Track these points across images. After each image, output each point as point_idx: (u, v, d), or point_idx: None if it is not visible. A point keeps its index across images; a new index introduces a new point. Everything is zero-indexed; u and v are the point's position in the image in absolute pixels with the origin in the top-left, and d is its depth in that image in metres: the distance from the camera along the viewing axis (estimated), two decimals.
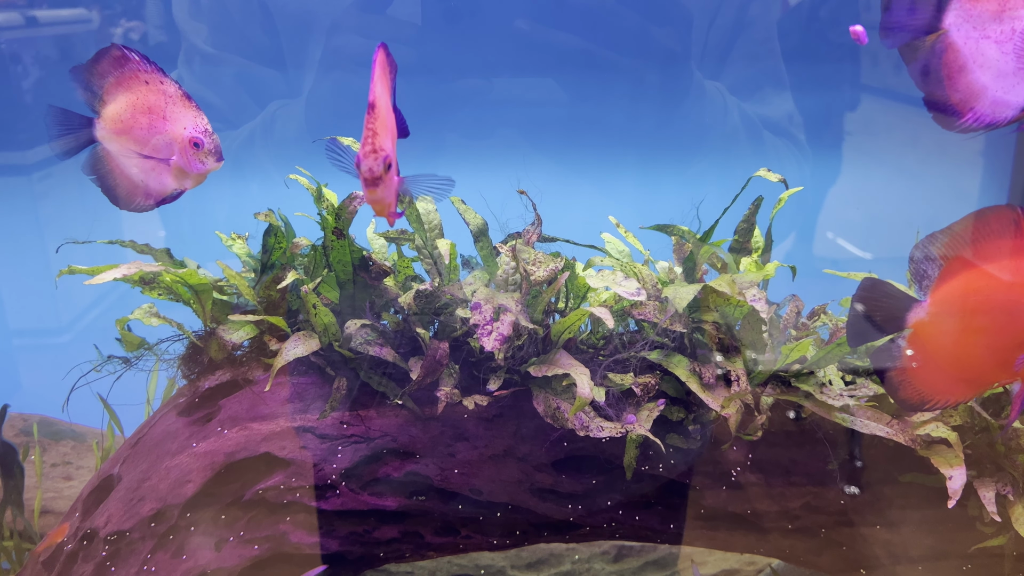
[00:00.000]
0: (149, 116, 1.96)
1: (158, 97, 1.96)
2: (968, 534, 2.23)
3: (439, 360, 2.17)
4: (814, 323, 2.38)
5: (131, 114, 1.96)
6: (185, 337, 2.38)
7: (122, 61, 1.95)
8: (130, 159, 2.00)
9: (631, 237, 2.51)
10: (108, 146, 2.01)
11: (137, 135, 1.97)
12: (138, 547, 2.18)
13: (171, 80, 1.96)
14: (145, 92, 1.95)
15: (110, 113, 1.98)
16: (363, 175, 1.74)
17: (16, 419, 3.47)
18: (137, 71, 1.95)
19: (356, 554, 2.30)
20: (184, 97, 1.96)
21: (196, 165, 1.98)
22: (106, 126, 1.99)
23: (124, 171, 2.03)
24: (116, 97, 1.97)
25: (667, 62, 3.25)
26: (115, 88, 1.97)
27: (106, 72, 1.96)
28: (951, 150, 3.71)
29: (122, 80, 1.96)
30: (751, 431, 2.18)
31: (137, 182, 2.03)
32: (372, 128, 1.72)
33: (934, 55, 1.74)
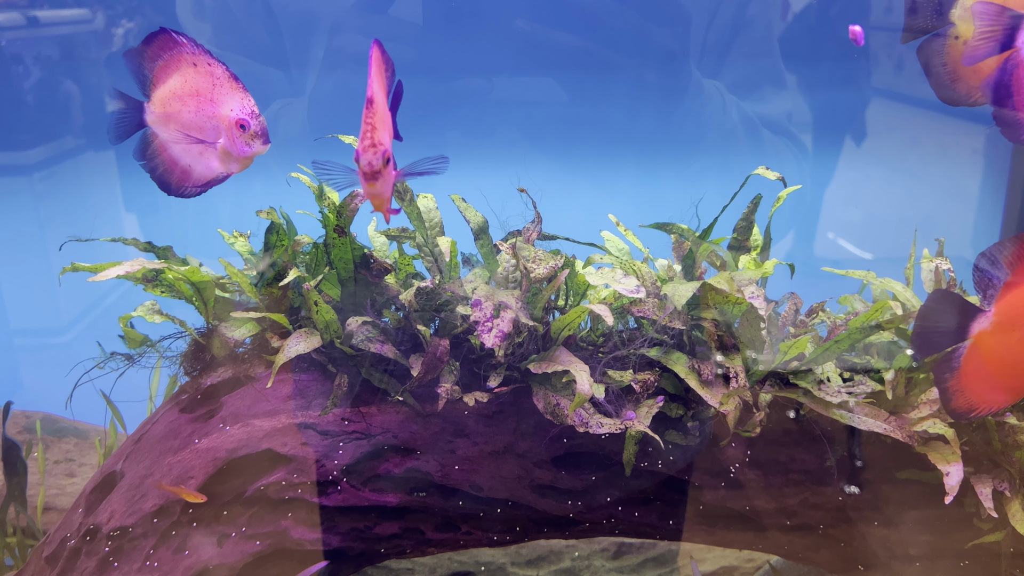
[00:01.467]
0: (197, 99, 1.94)
1: (206, 79, 1.93)
2: (965, 531, 2.24)
3: (440, 357, 2.18)
4: (812, 321, 2.40)
5: (179, 97, 1.94)
6: (187, 334, 2.39)
7: (171, 44, 1.93)
8: (178, 143, 1.99)
9: (630, 235, 2.52)
10: (157, 131, 1.99)
11: (185, 118, 1.95)
12: (141, 543, 2.19)
13: (219, 62, 1.93)
14: (193, 75, 1.94)
15: (159, 97, 1.96)
16: (362, 169, 1.75)
17: (19, 416, 3.48)
18: (185, 53, 1.93)
19: (357, 550, 2.31)
20: (231, 78, 1.94)
21: (242, 148, 1.96)
22: (155, 110, 1.98)
23: (172, 156, 2.01)
24: (165, 81, 1.96)
25: (666, 61, 3.26)
26: (164, 71, 1.95)
27: (155, 55, 1.95)
28: (951, 150, 3.72)
29: (171, 63, 1.95)
30: (749, 428, 2.19)
31: (185, 167, 2.01)
32: (371, 123, 1.73)
33: (1005, 72, 1.78)
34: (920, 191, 3.72)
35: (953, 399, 1.88)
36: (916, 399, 2.19)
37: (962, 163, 3.71)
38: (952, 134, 3.68)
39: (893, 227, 3.55)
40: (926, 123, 3.68)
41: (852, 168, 3.63)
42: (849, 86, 3.55)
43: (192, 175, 2.02)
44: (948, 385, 1.88)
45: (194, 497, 2.18)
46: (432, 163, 1.91)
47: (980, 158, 3.67)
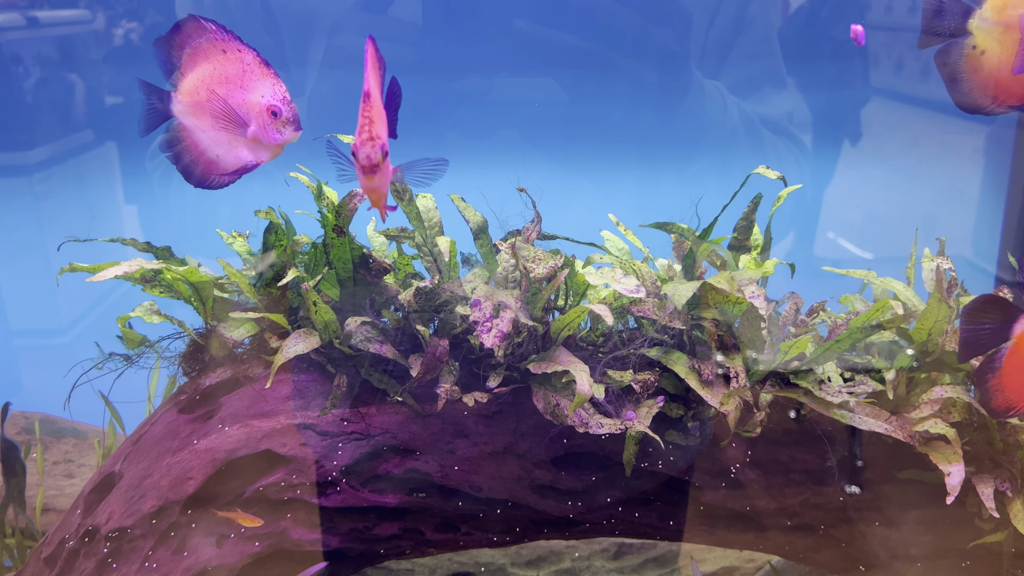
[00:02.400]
0: (226, 86, 1.89)
1: (236, 66, 1.89)
2: (967, 531, 2.24)
3: (439, 357, 2.18)
4: (813, 320, 2.39)
5: (208, 85, 1.90)
6: (186, 334, 2.39)
7: (199, 31, 1.89)
8: (206, 132, 1.94)
9: (630, 235, 2.52)
10: (184, 120, 1.95)
11: (214, 106, 1.91)
12: (139, 544, 2.19)
13: (249, 47, 1.89)
14: (222, 62, 1.89)
15: (187, 86, 1.92)
16: (361, 163, 1.75)
17: (18, 417, 3.48)
18: (214, 40, 1.89)
19: (356, 551, 2.31)
20: (262, 64, 1.89)
21: (274, 135, 1.91)
22: (182, 99, 1.94)
23: (200, 146, 1.97)
24: (193, 69, 1.91)
25: (666, 61, 3.26)
26: (192, 60, 1.91)
27: (183, 43, 1.91)
28: (952, 149, 3.72)
29: (199, 51, 1.90)
30: (750, 428, 2.18)
31: (213, 157, 1.97)
32: (368, 116, 1.73)
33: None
34: (921, 190, 3.72)
35: (994, 398, 1.94)
36: (917, 399, 2.18)
37: (963, 162, 3.71)
38: (953, 133, 3.68)
39: (894, 227, 3.54)
40: (927, 123, 3.68)
41: (853, 168, 3.63)
42: (849, 86, 3.55)
43: (219, 165, 1.98)
44: (989, 385, 1.94)
45: (250, 520, 2.18)
46: (431, 166, 1.91)
47: (981, 157, 3.67)
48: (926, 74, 3.60)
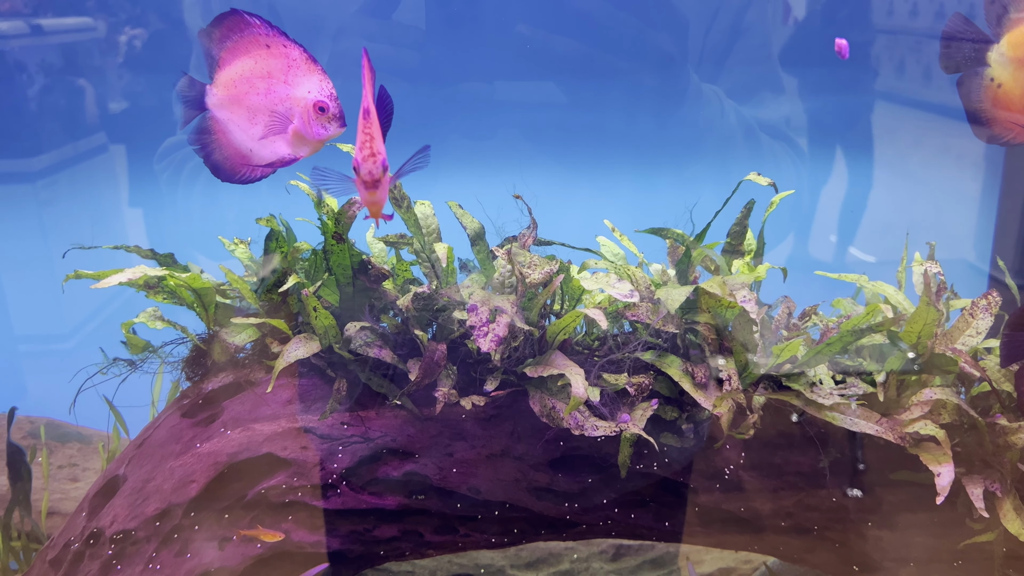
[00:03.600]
0: (268, 81, 1.88)
1: (280, 61, 1.87)
2: (958, 531, 2.26)
3: (437, 361, 2.21)
4: (805, 324, 2.42)
5: (247, 79, 1.88)
6: (189, 340, 2.42)
7: (241, 25, 1.87)
8: (240, 126, 1.93)
9: (626, 240, 2.54)
10: (218, 114, 1.94)
11: (253, 101, 1.89)
12: (143, 546, 2.21)
13: (295, 43, 1.87)
14: (265, 56, 1.87)
15: (224, 79, 1.91)
16: (363, 178, 1.77)
17: (23, 422, 3.50)
18: (257, 35, 1.87)
19: (356, 552, 2.33)
20: (309, 60, 1.87)
21: (319, 131, 1.89)
22: (218, 92, 1.92)
23: (232, 140, 1.95)
24: (232, 62, 1.90)
25: (664, 66, 3.28)
26: (232, 53, 1.90)
27: (224, 37, 1.89)
28: (954, 153, 3.73)
29: (240, 45, 1.89)
30: (743, 430, 2.21)
31: (245, 151, 1.95)
32: (369, 133, 1.76)
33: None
34: (922, 194, 3.73)
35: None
36: (907, 401, 2.21)
37: (964, 166, 3.72)
38: (954, 136, 3.69)
39: (895, 229, 3.56)
40: (928, 126, 3.69)
41: (852, 172, 3.65)
42: (848, 90, 3.57)
43: (253, 159, 1.96)
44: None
45: (271, 536, 2.20)
46: (417, 159, 1.92)
47: (982, 160, 3.68)
48: (927, 78, 3.62)
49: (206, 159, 1.98)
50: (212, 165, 1.98)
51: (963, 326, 2.29)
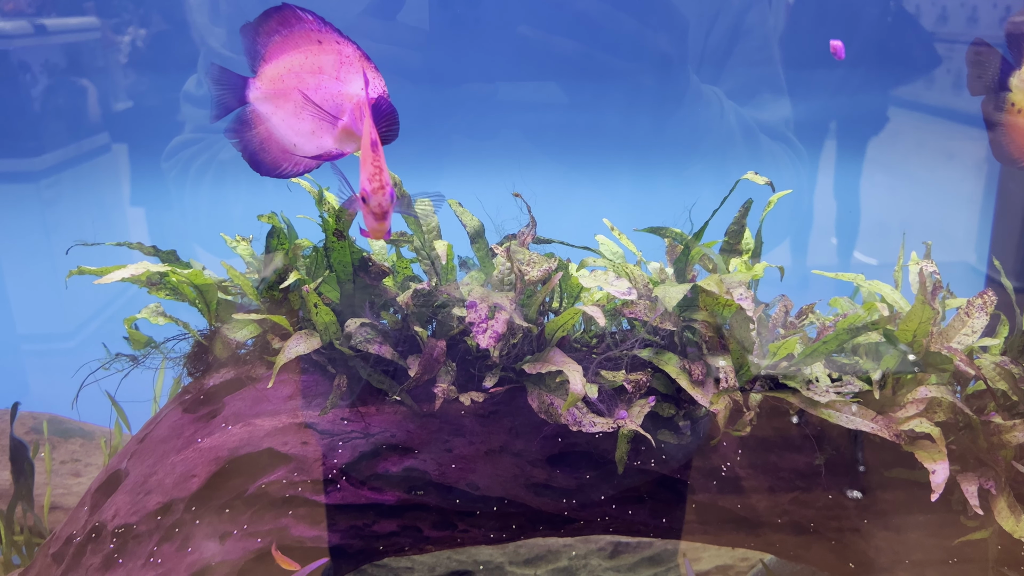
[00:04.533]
0: (318, 76, 1.85)
1: (332, 57, 1.84)
2: (953, 528, 2.27)
3: (436, 358, 2.22)
4: (802, 322, 2.43)
5: (296, 74, 1.86)
6: (191, 336, 2.43)
7: (292, 20, 1.85)
8: (285, 121, 1.90)
9: (624, 239, 2.56)
10: (260, 108, 1.91)
11: (300, 95, 1.87)
12: (144, 540, 2.22)
13: (349, 40, 1.85)
14: (317, 52, 1.85)
15: (270, 73, 1.89)
16: (373, 210, 1.78)
17: (26, 417, 3.51)
18: (309, 31, 1.84)
19: (356, 547, 2.34)
20: (363, 58, 1.85)
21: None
22: (262, 86, 1.90)
23: (274, 135, 1.93)
24: (281, 57, 1.88)
25: (665, 67, 3.29)
26: (280, 47, 1.87)
27: (273, 31, 1.87)
28: (956, 156, 3.73)
29: (290, 39, 1.86)
30: (739, 427, 2.22)
31: (288, 146, 1.92)
32: (378, 165, 1.76)
33: None
34: (924, 196, 3.74)
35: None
36: (903, 398, 2.22)
37: (967, 169, 3.73)
38: (955, 139, 3.70)
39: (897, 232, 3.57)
40: (930, 128, 3.69)
41: (852, 173, 3.66)
42: (850, 92, 3.58)
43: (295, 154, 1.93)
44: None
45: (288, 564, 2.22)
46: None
47: (983, 163, 3.68)
48: (929, 80, 3.63)
49: (245, 153, 1.96)
50: (252, 159, 1.96)
51: (959, 325, 2.30)
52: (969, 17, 3.53)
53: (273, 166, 1.97)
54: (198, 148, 3.38)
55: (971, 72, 2.01)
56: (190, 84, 3.37)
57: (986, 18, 3.50)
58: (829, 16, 3.52)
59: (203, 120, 3.38)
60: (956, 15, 3.56)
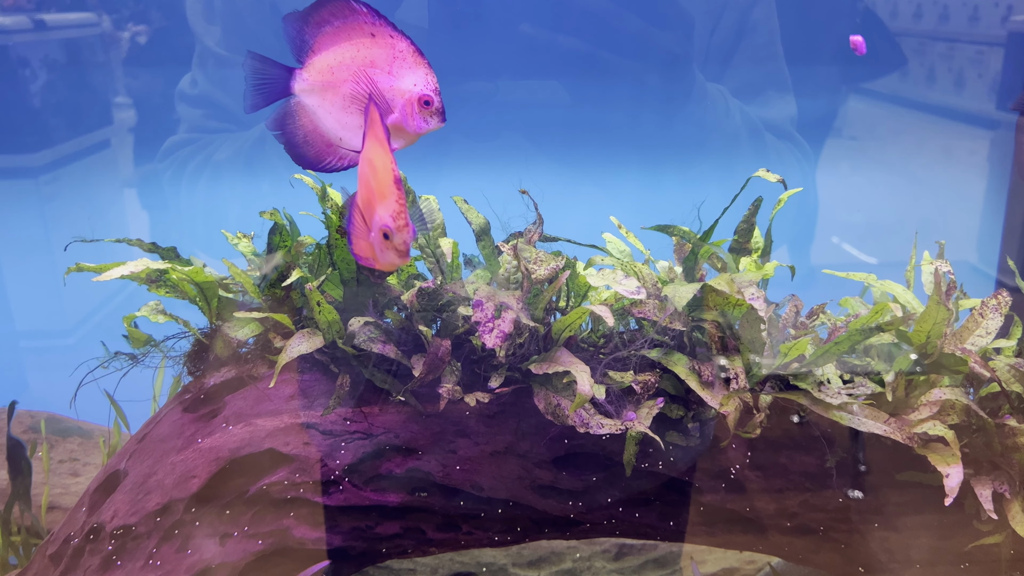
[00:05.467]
0: (370, 70, 1.83)
1: (385, 51, 1.82)
2: (966, 532, 2.25)
3: (441, 357, 2.20)
4: (813, 323, 2.40)
5: (347, 66, 1.83)
6: (191, 334, 2.41)
7: (345, 12, 1.82)
8: (331, 114, 1.87)
9: (632, 237, 2.53)
10: (306, 100, 1.88)
11: (351, 89, 1.84)
12: (144, 541, 2.20)
13: (403, 35, 1.82)
14: (370, 45, 1.82)
15: (319, 64, 1.85)
16: (397, 247, 1.76)
17: (24, 416, 3.50)
18: (363, 23, 1.82)
19: (358, 549, 2.32)
20: (416, 53, 1.82)
21: (420, 124, 1.85)
22: (310, 78, 1.87)
23: (319, 128, 1.90)
24: (331, 49, 1.84)
25: (670, 65, 3.27)
26: (330, 39, 1.84)
27: (324, 21, 1.84)
28: (957, 155, 3.73)
29: (342, 31, 1.83)
30: (749, 429, 2.19)
31: (333, 139, 1.89)
32: (403, 202, 1.74)
33: None
34: (925, 195, 3.73)
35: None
36: (916, 401, 2.19)
37: (968, 168, 3.72)
38: (957, 138, 3.69)
39: (899, 231, 3.55)
40: (931, 127, 3.68)
41: (856, 172, 3.64)
42: (853, 90, 3.56)
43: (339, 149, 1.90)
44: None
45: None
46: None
47: (984, 162, 3.67)
48: (930, 79, 3.62)
49: (287, 145, 1.92)
50: (294, 152, 1.93)
51: (972, 326, 2.27)
52: (971, 16, 3.53)
53: (316, 159, 1.94)
54: (193, 148, 3.37)
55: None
56: (184, 83, 3.35)
57: (987, 17, 3.49)
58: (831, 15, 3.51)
59: (198, 120, 3.36)
60: (958, 14, 3.55)
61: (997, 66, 3.52)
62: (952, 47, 3.58)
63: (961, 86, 3.61)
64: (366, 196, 1.80)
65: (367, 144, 1.79)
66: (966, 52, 3.56)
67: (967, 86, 3.60)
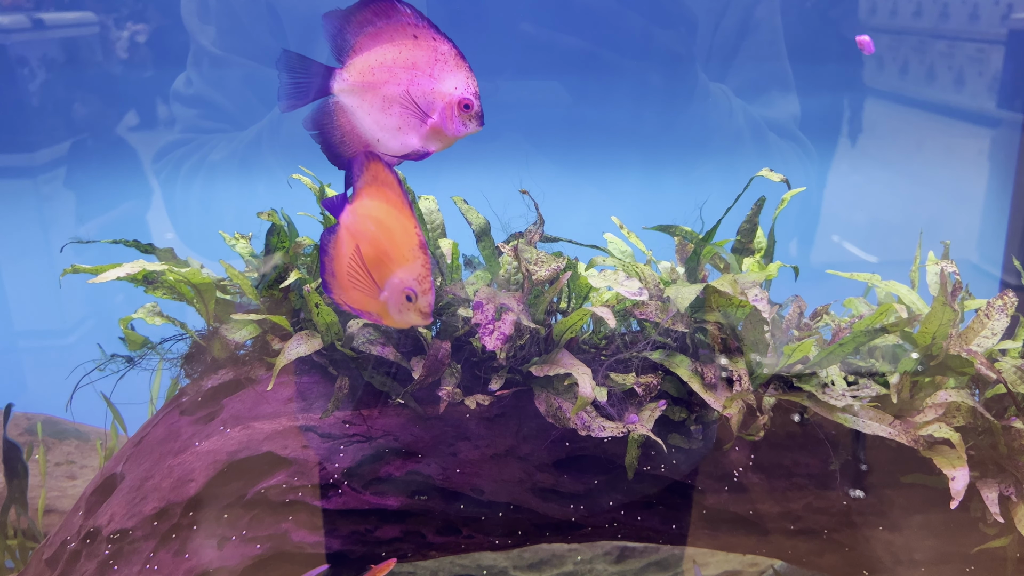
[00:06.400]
0: (411, 72, 1.81)
1: (428, 53, 1.80)
2: (971, 535, 2.23)
3: (441, 359, 2.18)
4: (817, 324, 2.38)
5: (388, 68, 1.81)
6: (188, 336, 2.39)
7: (389, 12, 1.80)
8: (370, 115, 1.86)
9: (633, 237, 2.51)
10: (345, 100, 1.87)
11: (391, 90, 1.82)
12: (141, 546, 2.18)
13: (445, 38, 1.81)
14: (412, 47, 1.81)
15: (360, 64, 1.84)
16: (421, 309, 1.76)
17: (20, 418, 3.48)
18: (406, 24, 1.80)
19: (358, 553, 2.31)
20: (458, 56, 1.81)
21: (459, 127, 1.83)
22: (350, 78, 1.85)
23: (357, 128, 1.88)
24: (373, 49, 1.83)
25: (672, 64, 3.26)
26: (373, 39, 1.82)
27: (367, 22, 1.82)
28: (957, 153, 3.71)
29: (384, 31, 1.82)
30: (753, 431, 2.17)
31: (370, 140, 1.88)
32: (428, 267, 1.75)
33: None
34: (926, 194, 3.71)
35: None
36: (921, 403, 2.17)
37: (968, 166, 3.71)
38: (958, 137, 3.67)
39: (899, 230, 3.54)
40: (932, 126, 3.67)
41: (858, 172, 3.63)
42: (855, 89, 3.55)
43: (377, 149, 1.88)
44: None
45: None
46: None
47: (986, 161, 3.66)
48: (931, 77, 3.60)
49: (323, 145, 1.90)
50: (331, 152, 1.90)
51: (978, 327, 2.25)
52: (971, 14, 3.52)
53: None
54: (189, 148, 3.35)
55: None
56: (179, 83, 3.34)
57: (987, 16, 3.48)
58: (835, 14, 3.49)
59: (193, 120, 3.35)
60: (958, 12, 3.54)
61: (998, 64, 3.51)
62: (952, 45, 3.57)
63: (961, 84, 3.60)
64: (374, 255, 1.78)
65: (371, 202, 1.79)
66: (966, 50, 3.55)
67: (967, 84, 3.59)
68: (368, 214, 1.81)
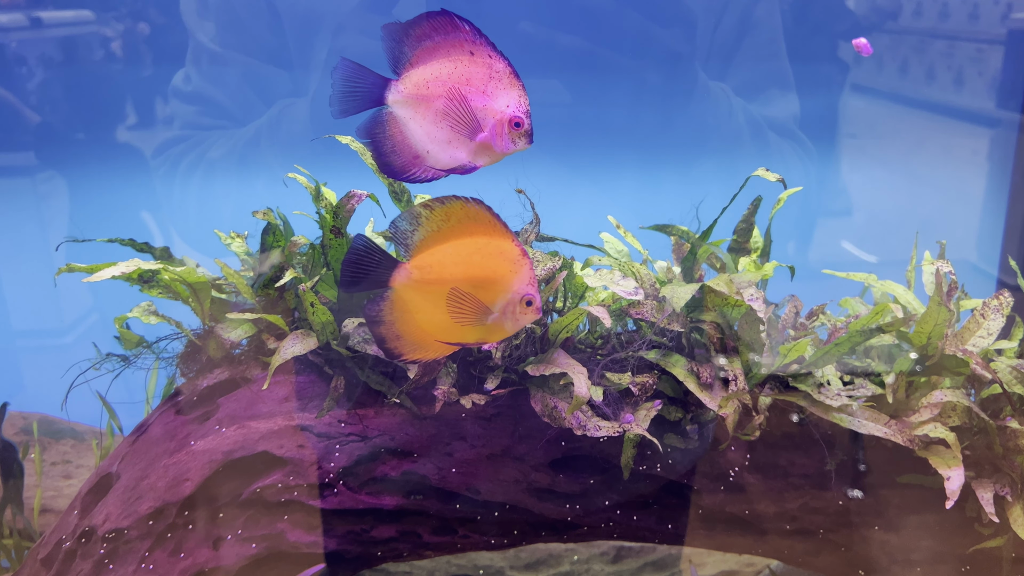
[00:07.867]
0: (465, 88, 1.83)
1: (482, 70, 1.83)
2: (967, 535, 2.23)
3: (437, 359, 2.17)
4: (813, 323, 2.38)
5: (444, 83, 1.84)
6: (184, 335, 2.39)
7: (448, 27, 1.83)
8: (422, 127, 1.88)
9: (630, 237, 2.51)
10: (398, 111, 1.89)
11: (443, 104, 1.85)
12: (136, 545, 2.18)
13: (501, 55, 1.84)
14: (467, 63, 1.83)
15: (416, 77, 1.86)
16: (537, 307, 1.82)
17: (16, 418, 3.48)
18: (463, 40, 1.83)
19: (354, 553, 2.30)
20: (512, 74, 1.83)
21: (508, 144, 1.86)
22: (404, 90, 1.87)
23: (408, 139, 1.90)
24: (429, 63, 1.85)
25: (671, 63, 3.25)
26: (431, 53, 1.85)
27: (425, 36, 1.85)
28: (956, 153, 3.71)
29: (442, 47, 1.84)
30: (749, 431, 2.17)
31: (421, 152, 1.90)
32: (533, 266, 1.85)
33: None
34: (925, 194, 3.71)
35: None
36: (917, 403, 2.17)
37: (967, 166, 3.70)
38: (956, 136, 3.67)
39: (897, 230, 3.53)
40: (931, 126, 3.67)
41: (857, 171, 3.62)
42: (854, 89, 3.54)
43: (427, 161, 1.90)
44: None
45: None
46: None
47: (984, 161, 3.66)
48: (930, 77, 3.60)
49: (375, 154, 1.92)
50: (382, 161, 1.93)
51: (974, 327, 2.25)
52: (970, 14, 3.51)
53: (402, 170, 1.93)
54: (186, 146, 3.35)
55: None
56: (178, 79, 3.33)
57: (987, 16, 3.48)
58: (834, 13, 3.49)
59: (192, 117, 3.35)
60: (957, 12, 3.54)
61: (997, 64, 3.50)
62: (952, 45, 3.57)
63: (960, 84, 3.60)
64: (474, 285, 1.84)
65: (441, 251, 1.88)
66: (966, 50, 3.55)
67: (967, 84, 3.58)
68: (444, 260, 1.86)
